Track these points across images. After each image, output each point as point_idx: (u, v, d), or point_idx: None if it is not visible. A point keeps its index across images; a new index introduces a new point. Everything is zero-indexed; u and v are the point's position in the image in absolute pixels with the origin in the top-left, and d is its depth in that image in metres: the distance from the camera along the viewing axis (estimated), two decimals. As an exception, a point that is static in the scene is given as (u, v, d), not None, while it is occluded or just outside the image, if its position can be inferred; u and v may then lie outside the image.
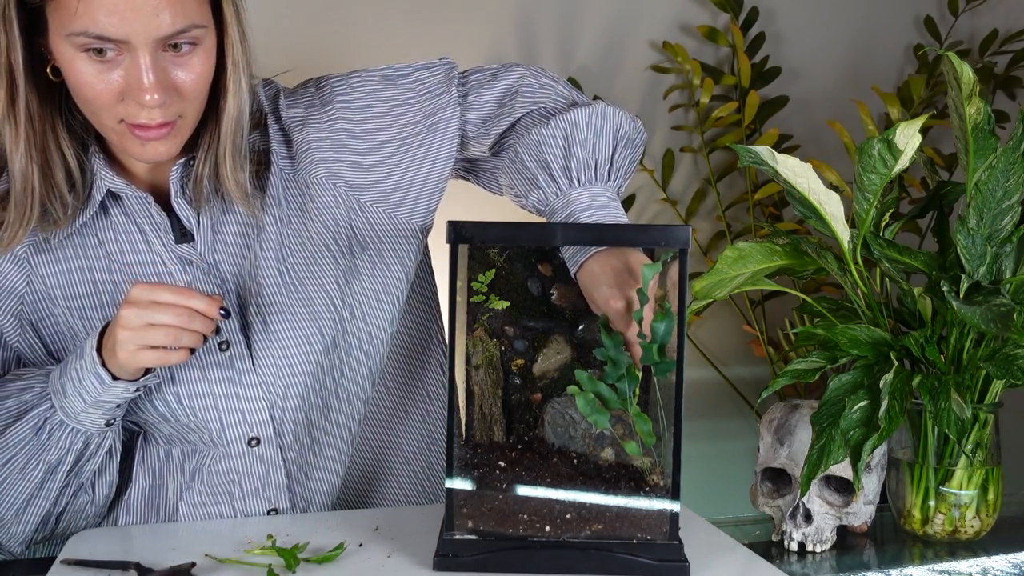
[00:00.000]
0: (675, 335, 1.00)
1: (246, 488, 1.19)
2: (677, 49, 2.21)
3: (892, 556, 1.18)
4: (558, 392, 1.05)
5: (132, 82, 0.98)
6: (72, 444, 1.09)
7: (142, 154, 1.05)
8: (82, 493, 1.15)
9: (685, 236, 0.98)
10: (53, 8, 0.97)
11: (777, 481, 1.20)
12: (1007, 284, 1.11)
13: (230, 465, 1.18)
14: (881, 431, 1.04)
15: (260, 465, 1.18)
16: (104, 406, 1.07)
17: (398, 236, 1.21)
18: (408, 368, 1.33)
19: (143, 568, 1.00)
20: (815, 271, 1.20)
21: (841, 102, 2.30)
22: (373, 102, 1.19)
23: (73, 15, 0.95)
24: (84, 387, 1.05)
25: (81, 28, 0.95)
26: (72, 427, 1.08)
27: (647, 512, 1.00)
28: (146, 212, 1.12)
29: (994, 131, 1.11)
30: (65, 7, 0.95)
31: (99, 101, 1.00)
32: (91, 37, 0.95)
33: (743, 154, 1.11)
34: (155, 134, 1.02)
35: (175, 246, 1.13)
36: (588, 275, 1.04)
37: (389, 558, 1.04)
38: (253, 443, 1.17)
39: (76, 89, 1.01)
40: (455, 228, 0.99)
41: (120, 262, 1.13)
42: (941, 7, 2.44)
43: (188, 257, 1.14)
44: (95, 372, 1.04)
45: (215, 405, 1.15)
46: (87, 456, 1.11)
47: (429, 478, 1.37)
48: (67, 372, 1.07)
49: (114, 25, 0.95)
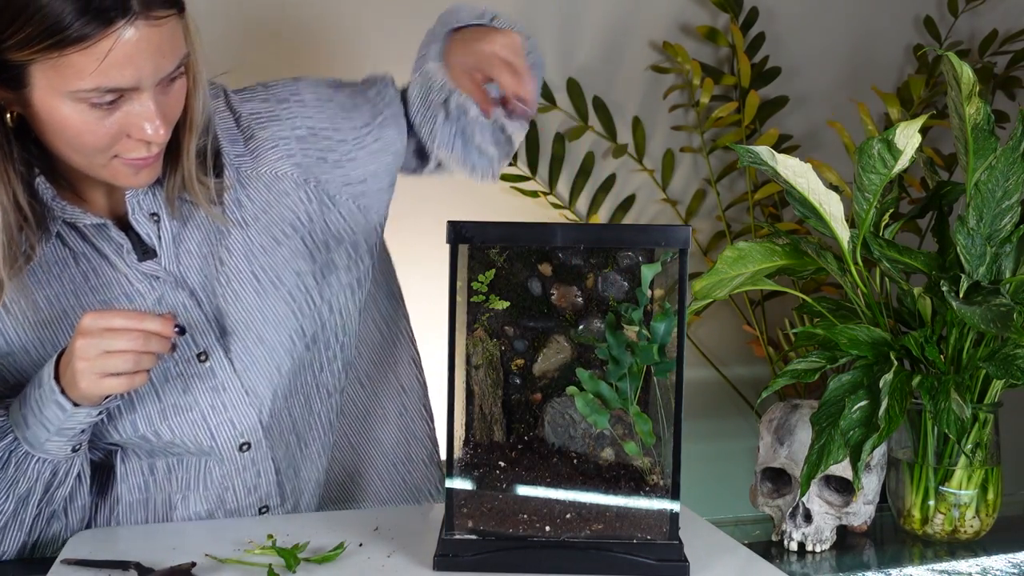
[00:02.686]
0: (675, 335, 1.00)
1: (239, 491, 1.19)
2: (677, 49, 2.21)
3: (892, 556, 1.18)
4: (558, 392, 1.06)
5: (136, 122, 0.99)
6: (40, 474, 1.08)
7: (135, 182, 1.06)
8: (55, 520, 1.14)
9: (685, 236, 0.98)
10: (47, 67, 0.94)
11: (777, 481, 1.20)
12: (1007, 284, 1.11)
13: (223, 472, 1.18)
14: (881, 431, 1.05)
15: (252, 467, 1.19)
16: (68, 433, 1.05)
17: (368, 227, 1.23)
18: (380, 363, 1.35)
19: (143, 568, 1.00)
20: (815, 271, 1.20)
21: (841, 102, 2.30)
22: (326, 102, 1.22)
23: (84, 73, 0.94)
24: (46, 416, 1.04)
25: (93, 85, 0.95)
26: (38, 457, 1.07)
27: (647, 512, 1.01)
28: (105, 235, 1.11)
29: (994, 131, 1.11)
30: (71, 67, 0.94)
31: (97, 145, 1.00)
32: (103, 91, 0.96)
33: (743, 154, 1.11)
34: (147, 161, 1.04)
35: (139, 264, 1.12)
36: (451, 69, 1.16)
37: (389, 558, 1.04)
38: (244, 448, 1.18)
39: (70, 137, 0.99)
40: (455, 228, 0.99)
41: (84, 287, 1.12)
42: (941, 7, 2.44)
43: (154, 273, 1.13)
44: (55, 400, 1.03)
45: (203, 417, 1.14)
46: (56, 484, 1.10)
47: (409, 471, 1.39)
48: (27, 403, 1.05)
49: (125, 76, 0.96)
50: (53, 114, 0.98)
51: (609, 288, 1.04)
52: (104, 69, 0.94)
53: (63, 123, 0.98)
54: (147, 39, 0.95)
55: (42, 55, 0.93)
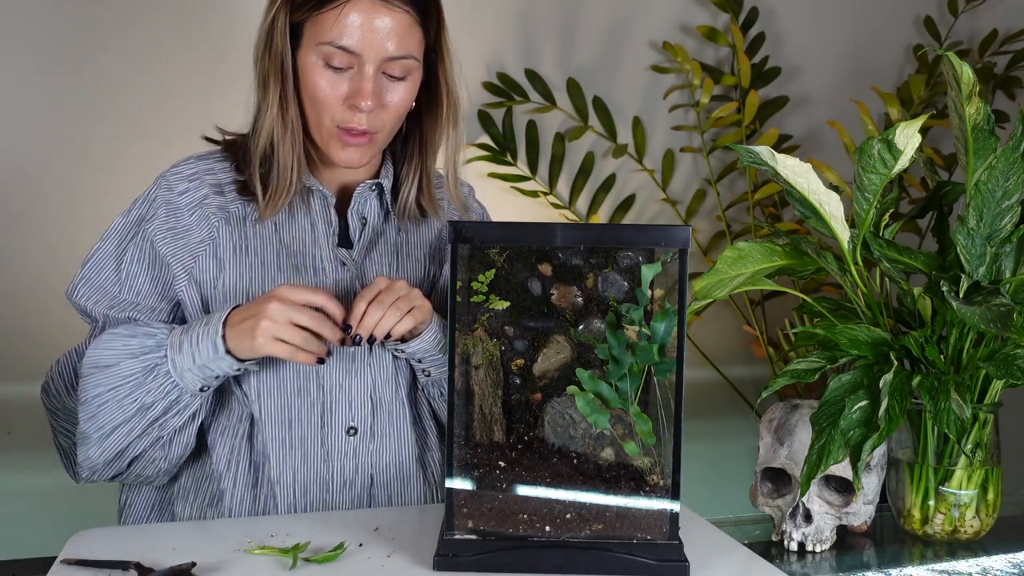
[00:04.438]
0: (675, 335, 1.00)
1: (335, 480, 1.25)
2: (677, 49, 2.21)
3: (892, 556, 1.18)
4: (558, 392, 1.06)
5: (354, 89, 1.20)
6: (168, 393, 1.19)
7: (340, 156, 1.24)
8: (159, 447, 1.22)
9: (685, 236, 0.98)
10: (312, 23, 1.20)
11: (777, 481, 1.20)
12: (1007, 284, 1.11)
13: (326, 454, 1.24)
14: (881, 431, 1.05)
15: (352, 454, 1.25)
16: (207, 372, 1.18)
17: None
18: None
19: (143, 568, 1.00)
20: (815, 271, 1.20)
21: (841, 102, 2.30)
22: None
23: (328, 29, 1.18)
24: (199, 349, 1.17)
25: (330, 39, 1.18)
26: (174, 379, 1.19)
27: (647, 512, 1.01)
28: (325, 212, 1.29)
29: (994, 131, 1.11)
30: (323, 22, 1.19)
31: (326, 102, 1.21)
32: (336, 47, 1.19)
33: (743, 154, 1.11)
34: (357, 140, 1.23)
35: (336, 248, 1.29)
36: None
37: (389, 558, 1.04)
38: (351, 432, 1.25)
39: (311, 92, 1.22)
40: (455, 228, 0.99)
41: (288, 249, 1.27)
42: (941, 7, 2.44)
43: (343, 260, 1.28)
44: (214, 341, 1.16)
45: (327, 392, 1.24)
46: (175, 411, 1.20)
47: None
48: (188, 332, 1.18)
49: (354, 41, 1.18)
50: (307, 67, 1.21)
51: (609, 288, 1.04)
52: (340, 27, 1.18)
53: (309, 76, 1.21)
54: (376, 15, 1.18)
55: (309, 14, 1.20)
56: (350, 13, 1.18)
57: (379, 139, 1.25)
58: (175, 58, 2.02)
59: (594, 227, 1.08)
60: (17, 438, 2.03)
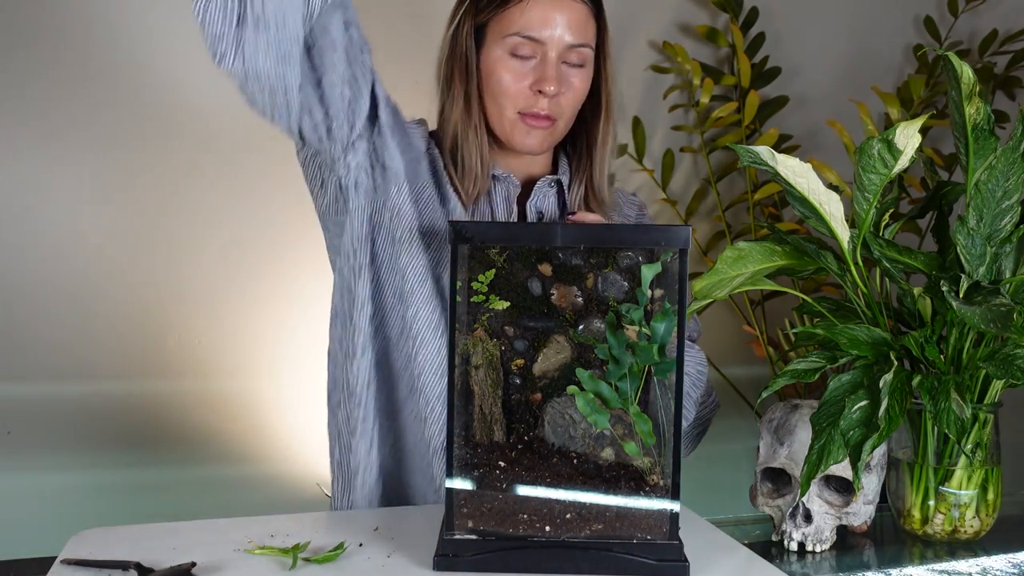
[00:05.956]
0: (675, 335, 1.00)
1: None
2: (677, 49, 2.21)
3: (892, 556, 1.18)
4: (558, 392, 1.05)
5: (539, 76, 1.29)
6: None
7: (524, 141, 1.32)
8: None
9: (685, 236, 0.98)
10: (496, 21, 1.30)
11: (777, 481, 1.20)
12: (1007, 284, 1.11)
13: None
14: (881, 431, 1.04)
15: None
16: None
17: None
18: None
19: (143, 568, 1.00)
20: (815, 271, 1.20)
21: (841, 102, 2.30)
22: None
23: (514, 21, 1.29)
24: None
25: (516, 30, 1.28)
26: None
27: (647, 512, 1.01)
28: (507, 201, 1.37)
29: (994, 131, 1.11)
30: (508, 17, 1.29)
31: (511, 91, 1.30)
32: (522, 37, 1.28)
33: (743, 154, 1.11)
34: (541, 123, 1.31)
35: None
36: None
37: (389, 558, 1.04)
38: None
39: (496, 83, 1.31)
40: (455, 228, 0.99)
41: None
42: (941, 7, 2.44)
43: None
44: None
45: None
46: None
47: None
48: None
49: (537, 30, 1.28)
50: (492, 62, 1.30)
51: (609, 288, 1.04)
52: (525, 19, 1.28)
53: (494, 69, 1.30)
54: (558, 7, 1.28)
55: (493, 13, 1.30)
56: (534, 7, 1.28)
57: (559, 126, 1.33)
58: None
59: (594, 227, 1.07)
60: (17, 438, 2.02)
